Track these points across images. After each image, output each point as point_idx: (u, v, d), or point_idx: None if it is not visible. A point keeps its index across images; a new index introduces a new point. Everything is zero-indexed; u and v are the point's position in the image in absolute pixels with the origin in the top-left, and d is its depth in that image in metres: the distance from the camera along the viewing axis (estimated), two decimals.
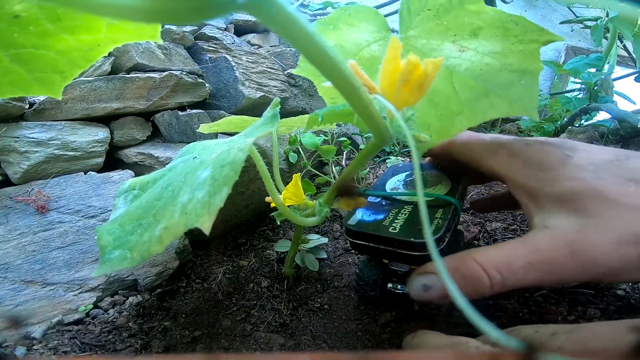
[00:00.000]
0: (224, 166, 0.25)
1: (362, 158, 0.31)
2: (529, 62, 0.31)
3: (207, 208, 0.23)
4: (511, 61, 0.32)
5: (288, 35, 0.19)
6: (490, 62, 0.32)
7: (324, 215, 0.36)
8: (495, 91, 0.32)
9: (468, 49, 0.33)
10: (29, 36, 0.27)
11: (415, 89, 0.24)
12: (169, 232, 0.24)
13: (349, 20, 0.37)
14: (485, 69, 0.32)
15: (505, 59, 0.32)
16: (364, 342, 0.36)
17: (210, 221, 0.22)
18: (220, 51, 0.73)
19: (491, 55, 0.33)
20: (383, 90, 0.25)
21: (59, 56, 0.29)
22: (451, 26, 0.34)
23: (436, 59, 0.24)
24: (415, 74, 0.24)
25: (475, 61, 0.33)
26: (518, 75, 0.32)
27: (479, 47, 0.33)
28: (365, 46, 0.36)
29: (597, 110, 0.76)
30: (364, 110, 0.24)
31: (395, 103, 0.25)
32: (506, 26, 0.32)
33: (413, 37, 0.35)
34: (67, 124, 0.53)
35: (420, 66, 0.23)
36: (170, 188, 0.29)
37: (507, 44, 0.32)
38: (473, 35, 0.33)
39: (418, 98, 0.25)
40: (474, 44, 0.33)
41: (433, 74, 0.24)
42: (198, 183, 0.25)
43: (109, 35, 0.29)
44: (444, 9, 0.34)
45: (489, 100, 0.32)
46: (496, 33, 0.33)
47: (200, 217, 0.23)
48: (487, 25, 0.33)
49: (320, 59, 0.20)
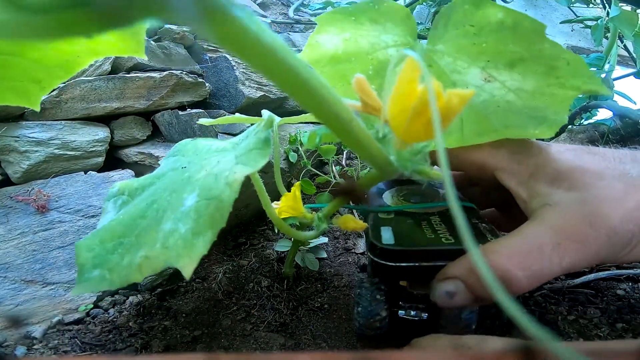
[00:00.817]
0: (209, 200, 0.23)
1: (363, 185, 0.30)
2: (554, 111, 0.28)
3: (189, 249, 0.21)
4: (537, 104, 0.28)
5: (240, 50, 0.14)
6: (512, 100, 0.28)
7: (321, 230, 0.35)
8: (502, 132, 0.29)
9: (496, 80, 0.29)
10: (2, 42, 0.25)
11: (430, 124, 0.19)
12: (148, 263, 0.23)
13: (375, 15, 0.33)
14: (503, 106, 0.28)
15: (530, 102, 0.28)
16: (364, 341, 0.36)
17: (192, 267, 0.21)
18: (220, 50, 0.73)
19: (517, 93, 0.28)
20: (391, 117, 0.21)
21: (34, 64, 0.27)
22: (489, 50, 0.29)
23: (465, 91, 0.19)
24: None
25: (496, 95, 0.29)
26: (535, 123, 0.28)
27: (509, 80, 0.29)
28: (382, 47, 0.33)
29: (598, 107, 0.76)
30: (357, 145, 0.21)
31: (404, 135, 0.22)
32: (555, 64, 0.28)
33: (440, 52, 0.31)
34: (67, 123, 0.53)
35: (442, 97, 0.19)
36: (155, 206, 0.27)
37: (543, 84, 0.28)
38: (509, 67, 0.29)
39: (432, 135, 0.20)
40: (504, 76, 0.29)
41: (458, 109, 0.19)
42: (182, 210, 0.24)
43: (88, 46, 0.27)
44: (490, 29, 0.29)
45: (492, 136, 0.29)
46: (538, 70, 0.28)
47: (180, 257, 0.21)
48: (532, 58, 0.28)
49: (289, 82, 0.16)
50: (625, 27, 0.75)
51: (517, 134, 0.29)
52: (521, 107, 0.28)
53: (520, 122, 0.28)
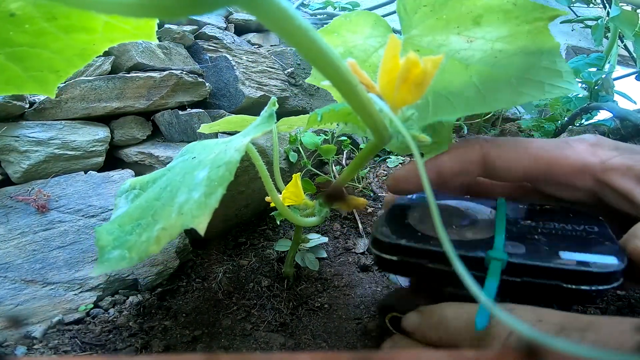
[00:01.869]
0: (220, 166, 0.25)
1: (362, 159, 0.31)
2: (542, 41, 0.30)
3: (202, 209, 0.23)
4: (524, 43, 0.30)
5: (281, 29, 0.18)
6: (503, 48, 0.31)
7: (323, 216, 0.35)
8: (519, 75, 0.29)
9: (475, 38, 0.32)
10: (25, 35, 0.27)
11: (414, 88, 0.24)
12: (166, 233, 0.24)
13: (351, 27, 0.36)
14: (499, 55, 0.30)
15: (517, 42, 0.30)
16: (364, 341, 0.36)
17: (206, 222, 0.22)
18: (221, 50, 0.73)
19: (501, 40, 0.31)
20: (382, 89, 0.25)
21: (54, 55, 0.29)
22: (451, 18, 0.32)
23: (436, 56, 0.23)
24: (414, 72, 0.23)
25: (486, 49, 0.31)
26: (536, 56, 0.29)
27: (486, 34, 0.31)
28: (372, 52, 0.35)
29: (598, 109, 0.76)
30: (362, 108, 0.23)
31: (394, 102, 0.25)
32: (505, 8, 0.31)
33: (417, 36, 0.34)
34: (67, 123, 0.53)
35: (419, 64, 0.23)
36: (169, 188, 0.29)
37: (512, 25, 0.31)
38: (476, 24, 0.32)
39: (417, 97, 0.25)
40: (479, 33, 0.32)
41: (433, 72, 0.23)
42: (195, 183, 0.25)
43: (105, 35, 0.29)
44: (439, 2, 0.33)
45: (513, 87, 0.29)
46: (497, 17, 0.31)
47: (196, 217, 0.23)
48: (486, 10, 0.31)
49: (314, 55, 0.20)
50: (626, 26, 0.75)
51: (531, 71, 0.29)
52: (514, 50, 0.30)
53: (525, 61, 0.29)
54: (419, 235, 0.27)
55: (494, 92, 0.30)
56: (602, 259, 0.23)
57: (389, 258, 0.27)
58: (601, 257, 0.23)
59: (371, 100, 0.24)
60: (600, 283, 0.22)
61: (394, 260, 0.27)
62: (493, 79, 0.30)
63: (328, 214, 0.36)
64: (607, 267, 0.22)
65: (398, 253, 0.27)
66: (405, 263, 0.27)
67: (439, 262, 0.26)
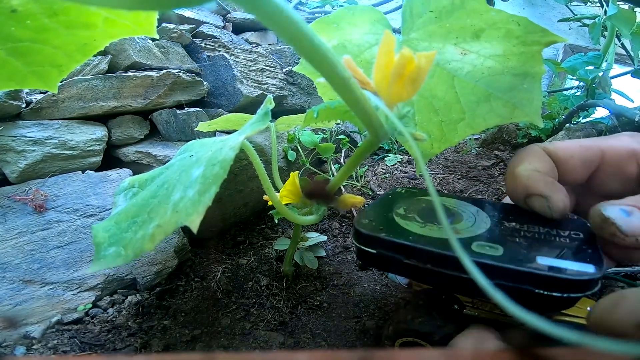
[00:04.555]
0: (214, 164, 0.25)
1: (358, 156, 0.31)
2: (530, 65, 0.31)
3: (196, 206, 0.23)
4: (513, 64, 0.31)
5: (275, 25, 0.18)
6: (492, 66, 0.32)
7: (321, 214, 0.35)
8: (497, 95, 0.31)
9: (470, 52, 0.33)
10: (26, 30, 0.27)
11: (408, 84, 0.24)
12: (160, 230, 0.24)
13: (353, 20, 0.36)
14: (487, 72, 0.32)
15: (507, 62, 0.31)
16: (363, 340, 0.36)
17: (198, 219, 0.22)
18: (218, 49, 0.73)
19: (493, 58, 0.32)
20: (376, 85, 0.25)
21: (56, 50, 0.29)
22: (453, 28, 0.33)
23: (429, 52, 0.23)
24: (408, 68, 0.23)
25: (477, 64, 0.32)
26: (520, 78, 0.31)
27: (481, 49, 0.32)
28: (367, 48, 0.36)
29: (595, 106, 0.76)
30: (356, 104, 0.23)
31: (389, 98, 0.25)
32: (508, 27, 0.32)
33: (415, 39, 0.35)
34: (64, 122, 0.53)
35: (413, 60, 0.23)
36: (166, 186, 0.29)
37: (509, 45, 0.32)
38: (475, 38, 0.33)
39: (412, 93, 0.25)
40: (476, 47, 0.33)
41: (426, 68, 0.23)
42: (190, 181, 0.25)
43: (105, 30, 0.29)
44: (446, 10, 0.33)
45: (490, 104, 0.31)
46: (498, 34, 0.32)
47: (189, 215, 0.23)
48: (489, 26, 0.32)
49: (308, 49, 0.20)
50: (623, 25, 0.75)
51: (510, 93, 0.31)
52: (502, 69, 0.32)
53: (508, 81, 0.31)
54: (399, 231, 0.27)
55: (472, 106, 0.32)
56: (579, 266, 0.22)
57: (368, 250, 0.27)
58: (578, 265, 0.22)
59: (366, 97, 0.24)
60: (573, 291, 0.22)
61: (372, 253, 0.27)
62: (474, 93, 0.32)
63: (326, 212, 0.36)
64: (582, 274, 0.22)
65: (377, 246, 0.27)
66: (383, 256, 0.27)
67: (415, 258, 0.25)
